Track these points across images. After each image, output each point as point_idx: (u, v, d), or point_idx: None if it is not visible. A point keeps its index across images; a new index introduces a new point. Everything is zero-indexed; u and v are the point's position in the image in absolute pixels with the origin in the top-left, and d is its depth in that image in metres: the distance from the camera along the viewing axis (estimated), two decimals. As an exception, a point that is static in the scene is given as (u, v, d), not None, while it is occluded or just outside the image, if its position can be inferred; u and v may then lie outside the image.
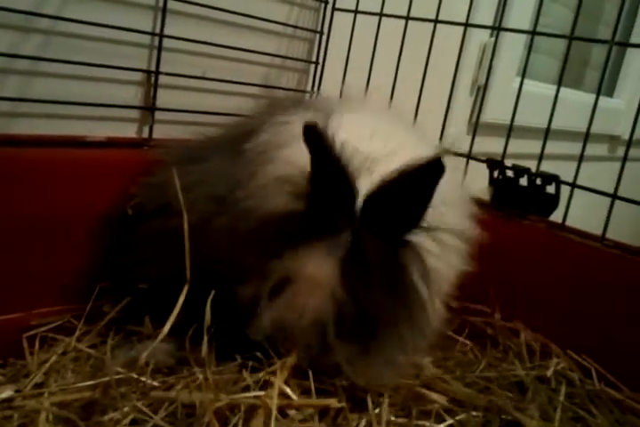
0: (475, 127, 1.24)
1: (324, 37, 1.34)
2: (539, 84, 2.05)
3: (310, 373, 0.77)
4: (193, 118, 1.15)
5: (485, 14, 1.70)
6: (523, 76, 1.16)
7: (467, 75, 1.78)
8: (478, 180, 1.16)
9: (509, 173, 1.15)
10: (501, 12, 1.64)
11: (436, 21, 1.21)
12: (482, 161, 1.17)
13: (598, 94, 1.07)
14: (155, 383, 0.75)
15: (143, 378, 0.75)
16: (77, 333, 0.90)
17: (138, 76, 1.08)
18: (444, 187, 0.73)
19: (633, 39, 2.57)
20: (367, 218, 0.74)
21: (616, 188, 1.03)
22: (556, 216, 1.09)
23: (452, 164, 0.76)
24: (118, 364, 0.79)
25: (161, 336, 0.77)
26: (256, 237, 0.79)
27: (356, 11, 1.31)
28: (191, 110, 1.15)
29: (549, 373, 0.93)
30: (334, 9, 1.33)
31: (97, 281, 0.96)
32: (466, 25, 1.20)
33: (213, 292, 0.77)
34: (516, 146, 1.20)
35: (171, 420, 0.69)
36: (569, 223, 1.07)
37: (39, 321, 0.92)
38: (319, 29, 1.34)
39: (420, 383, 0.84)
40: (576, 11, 1.08)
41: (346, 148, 0.74)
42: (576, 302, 1.01)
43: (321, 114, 0.82)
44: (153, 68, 1.08)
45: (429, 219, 0.76)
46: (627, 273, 0.96)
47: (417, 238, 0.77)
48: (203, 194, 0.87)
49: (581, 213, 1.12)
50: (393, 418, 0.77)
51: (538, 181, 1.11)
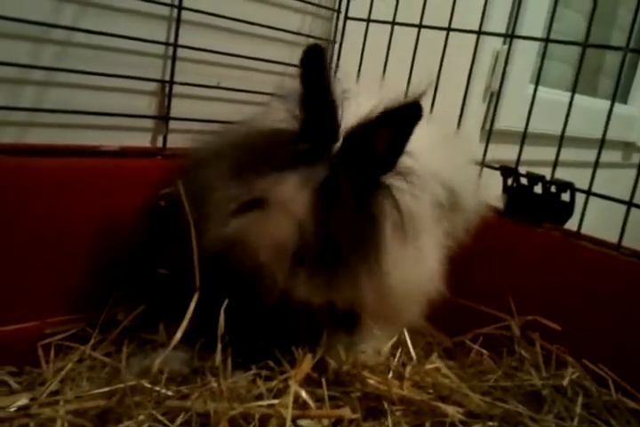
0: (488, 134, 1.23)
1: (337, 46, 1.35)
2: (552, 90, 2.04)
3: (324, 381, 0.77)
4: (207, 128, 1.15)
5: (498, 22, 1.70)
6: (537, 83, 1.16)
7: (480, 82, 1.78)
8: (492, 187, 1.15)
9: (523, 181, 1.14)
10: (514, 20, 1.64)
11: (449, 29, 1.21)
12: (495, 168, 1.17)
13: (613, 101, 1.07)
14: (169, 393, 0.75)
15: (157, 387, 0.75)
16: (92, 341, 0.90)
17: (152, 85, 1.09)
18: (436, 134, 0.74)
19: (647, 45, 2.56)
20: (345, 154, 0.75)
21: (632, 195, 1.02)
22: (571, 224, 1.09)
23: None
24: (133, 372, 0.80)
25: (172, 344, 0.77)
26: (241, 155, 0.80)
27: (369, 19, 1.31)
28: (205, 120, 1.15)
29: (565, 382, 0.92)
30: (347, 18, 1.34)
31: (111, 290, 0.97)
32: (479, 33, 1.20)
33: (227, 301, 0.77)
34: (530, 153, 1.19)
35: (185, 428, 0.70)
36: (584, 231, 1.06)
37: (54, 330, 0.92)
38: (332, 38, 1.35)
39: (436, 395, 0.83)
40: (590, 18, 1.08)
41: (340, 81, 0.76)
42: (592, 311, 1.00)
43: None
44: (167, 78, 1.09)
45: (411, 163, 0.78)
46: (643, 281, 0.95)
47: (392, 181, 0.78)
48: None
49: (597, 221, 1.11)
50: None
51: (552, 189, 1.10)
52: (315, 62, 0.73)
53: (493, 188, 1.16)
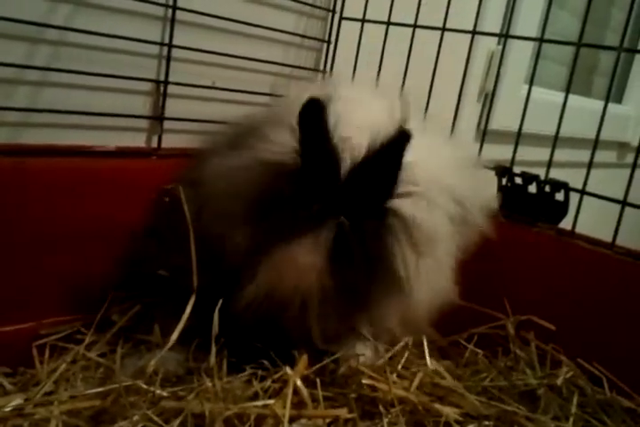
0: (483, 135, 1.24)
1: (332, 46, 1.35)
2: (547, 91, 2.05)
3: (319, 382, 0.78)
4: (202, 128, 1.15)
5: (493, 22, 1.71)
6: (531, 83, 1.16)
7: (474, 82, 1.78)
8: (487, 187, 1.15)
9: (518, 181, 1.14)
10: (509, 20, 1.64)
11: (444, 29, 1.21)
12: (490, 168, 1.17)
13: (607, 101, 1.07)
14: (163, 393, 0.75)
15: (152, 388, 0.75)
16: (87, 341, 0.90)
17: (147, 85, 1.09)
18: (437, 143, 0.75)
19: (641, 45, 2.57)
20: (348, 195, 0.76)
21: (625, 194, 1.02)
22: (566, 223, 1.09)
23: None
24: (127, 373, 0.79)
25: (168, 345, 0.77)
26: (252, 192, 0.81)
27: (364, 19, 1.31)
28: (200, 120, 1.15)
29: (559, 381, 0.92)
30: (342, 18, 1.34)
31: (107, 291, 0.96)
32: (473, 33, 1.20)
33: (221, 301, 0.78)
34: (525, 153, 1.19)
35: (180, 429, 0.69)
36: (578, 230, 1.06)
37: (49, 330, 0.92)
38: (327, 38, 1.35)
39: (432, 395, 0.84)
40: (584, 17, 1.08)
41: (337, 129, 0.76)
42: (586, 310, 1.00)
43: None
44: (162, 78, 1.09)
45: (417, 177, 0.80)
46: (638, 280, 0.96)
47: (400, 202, 0.80)
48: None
49: (591, 221, 1.11)
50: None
51: (547, 188, 1.10)
52: (314, 117, 0.74)
53: (491, 189, 1.16)
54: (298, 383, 0.74)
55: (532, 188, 1.13)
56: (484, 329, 1.03)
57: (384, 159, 0.75)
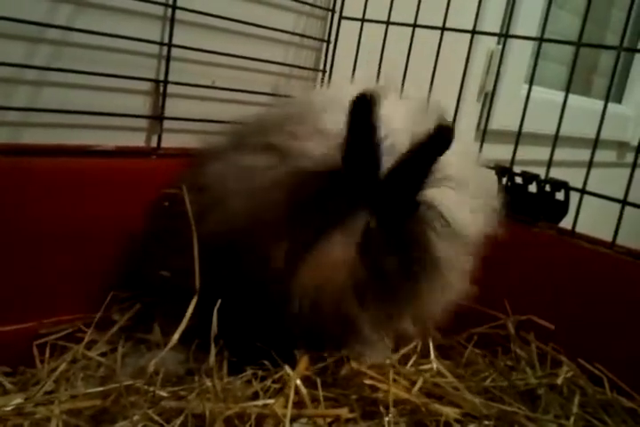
0: (483, 134, 1.24)
1: (332, 46, 1.35)
2: (547, 90, 2.05)
3: (319, 381, 0.78)
4: (201, 127, 1.15)
5: (492, 21, 1.71)
6: (531, 82, 1.16)
7: (474, 82, 1.78)
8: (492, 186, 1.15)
9: (518, 180, 1.14)
10: (508, 19, 1.64)
11: (443, 29, 1.21)
12: (490, 168, 1.17)
13: (607, 101, 1.07)
14: (163, 393, 0.75)
15: (152, 388, 0.75)
16: (86, 340, 0.90)
17: (146, 85, 1.09)
18: (456, 148, 0.76)
19: (641, 45, 2.57)
20: (386, 198, 0.77)
21: (626, 193, 1.02)
22: (566, 223, 1.09)
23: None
24: (128, 372, 0.79)
25: (170, 345, 0.77)
26: (283, 198, 0.81)
27: (363, 19, 1.31)
28: (199, 119, 1.15)
29: (559, 381, 0.92)
30: (341, 17, 1.34)
31: (108, 290, 0.96)
32: (473, 32, 1.20)
33: (220, 301, 0.78)
34: (525, 153, 1.19)
35: (181, 429, 0.69)
36: (578, 230, 1.06)
37: (49, 329, 0.92)
38: (326, 38, 1.35)
39: (432, 394, 0.84)
40: (584, 17, 1.08)
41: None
42: (586, 309, 1.00)
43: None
44: (161, 78, 1.09)
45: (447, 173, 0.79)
46: (638, 279, 0.96)
47: (431, 194, 0.80)
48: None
49: (591, 220, 1.11)
50: (405, 426, 0.76)
51: (547, 188, 1.10)
52: (364, 112, 0.74)
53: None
54: (298, 383, 0.74)
55: (533, 187, 1.13)
56: (484, 329, 1.03)
57: (425, 156, 0.75)
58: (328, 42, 1.35)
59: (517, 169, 1.15)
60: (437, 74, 1.23)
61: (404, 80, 1.27)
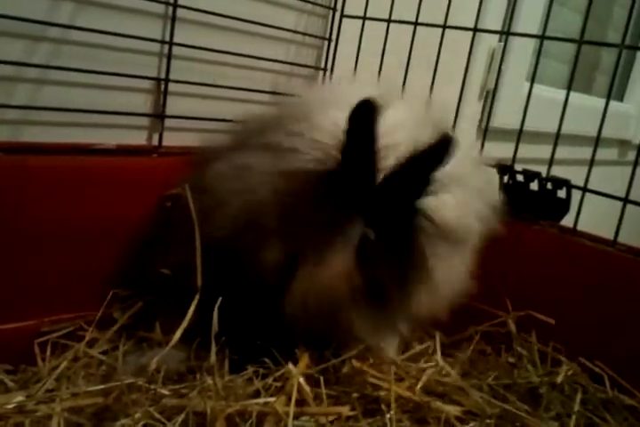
0: (484, 132, 1.24)
1: (333, 44, 1.35)
2: (548, 88, 2.04)
3: (322, 379, 0.78)
4: (203, 125, 1.15)
5: (494, 19, 1.70)
6: (532, 80, 1.16)
7: (476, 80, 1.78)
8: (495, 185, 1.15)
9: (520, 178, 1.14)
10: (510, 17, 1.64)
11: (445, 27, 1.21)
12: (492, 166, 1.17)
13: (608, 99, 1.07)
14: (164, 391, 0.75)
15: (154, 386, 0.75)
16: (87, 338, 0.90)
17: (148, 83, 1.09)
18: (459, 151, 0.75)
19: (643, 43, 2.57)
20: (381, 204, 0.77)
21: (627, 191, 1.02)
22: (568, 221, 1.09)
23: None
24: (129, 370, 0.79)
25: (172, 344, 0.77)
26: (279, 198, 0.81)
27: (365, 17, 1.31)
28: (201, 117, 1.15)
29: (560, 379, 0.92)
30: (342, 16, 1.33)
31: (109, 288, 0.96)
32: (474, 30, 1.20)
33: (221, 299, 0.78)
34: (526, 151, 1.19)
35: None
36: (580, 228, 1.06)
37: (51, 327, 0.92)
38: (328, 36, 1.35)
39: (435, 392, 0.84)
40: (585, 14, 1.08)
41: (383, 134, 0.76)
42: (588, 307, 1.00)
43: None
44: (163, 76, 1.09)
45: (445, 178, 0.79)
46: (639, 277, 0.95)
47: (427, 203, 0.80)
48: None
49: (593, 218, 1.11)
50: (407, 423, 0.76)
51: (549, 186, 1.10)
52: (364, 120, 0.74)
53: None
54: (301, 380, 0.74)
55: (534, 185, 1.12)
56: (485, 327, 1.03)
57: (425, 165, 0.75)
58: (329, 40, 1.35)
59: (519, 167, 1.15)
60: (439, 72, 1.23)
61: (406, 78, 1.27)
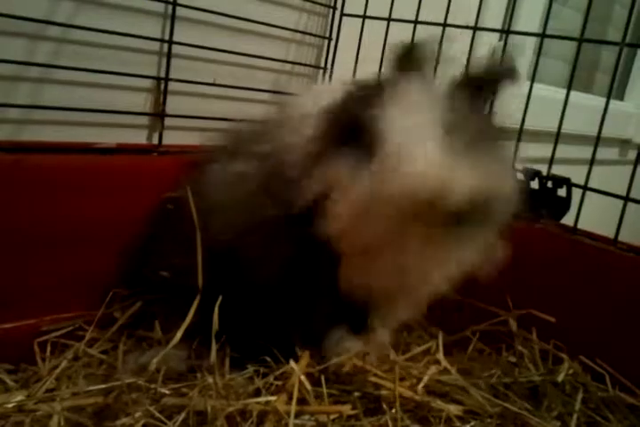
0: (485, 131, 1.23)
1: (333, 43, 1.35)
2: (548, 87, 2.04)
3: (323, 378, 0.77)
4: (202, 124, 1.15)
5: (494, 18, 1.70)
6: (532, 79, 1.16)
7: (476, 79, 1.77)
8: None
9: (520, 176, 1.14)
10: (510, 16, 1.64)
11: (445, 25, 1.21)
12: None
13: (609, 98, 1.06)
14: (165, 391, 0.75)
15: (154, 385, 0.75)
16: (87, 337, 0.90)
17: (148, 82, 1.09)
18: None
19: (643, 42, 2.57)
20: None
21: (628, 190, 1.02)
22: (568, 219, 1.09)
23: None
24: (129, 370, 0.79)
25: (172, 343, 0.77)
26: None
27: (365, 16, 1.31)
28: (201, 116, 1.15)
29: (561, 377, 0.92)
30: (342, 14, 1.33)
31: (109, 288, 0.96)
32: (474, 28, 1.20)
33: (221, 298, 0.78)
34: (527, 150, 1.19)
35: (182, 426, 0.69)
36: (581, 226, 1.06)
37: (51, 327, 0.92)
38: (328, 35, 1.35)
39: (436, 391, 0.84)
40: (585, 13, 1.08)
41: None
42: (589, 306, 1.00)
43: None
44: (163, 75, 1.09)
45: None
46: (640, 276, 0.96)
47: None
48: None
49: (593, 217, 1.11)
50: (408, 422, 0.76)
51: (549, 184, 1.10)
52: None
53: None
54: (301, 379, 0.74)
55: (535, 184, 1.12)
56: (486, 326, 1.03)
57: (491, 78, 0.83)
58: (329, 39, 1.35)
59: (519, 166, 1.15)
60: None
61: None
